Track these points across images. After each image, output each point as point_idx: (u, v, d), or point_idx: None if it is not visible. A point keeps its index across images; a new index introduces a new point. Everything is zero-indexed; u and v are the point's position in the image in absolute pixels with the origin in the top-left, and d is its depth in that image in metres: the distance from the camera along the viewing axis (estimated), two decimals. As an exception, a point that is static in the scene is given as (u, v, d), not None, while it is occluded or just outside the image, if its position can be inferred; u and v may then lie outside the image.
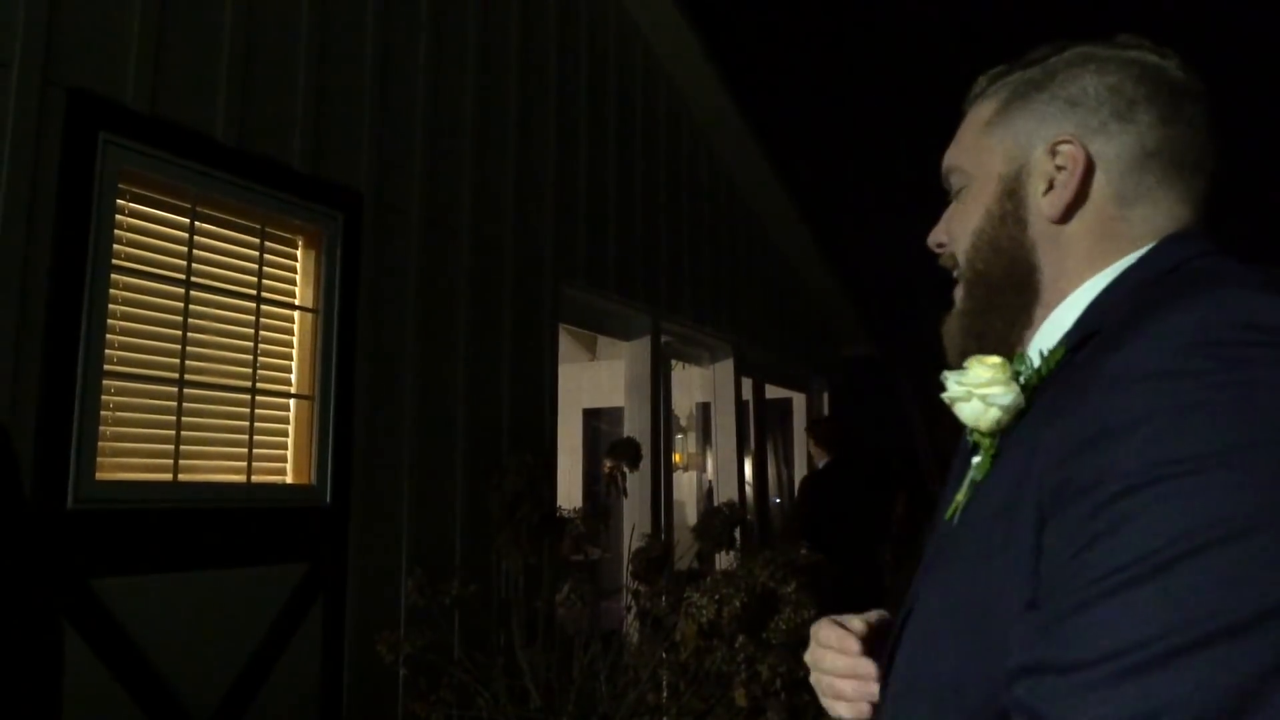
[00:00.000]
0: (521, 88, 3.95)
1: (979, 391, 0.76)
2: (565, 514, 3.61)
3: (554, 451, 3.95)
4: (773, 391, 6.91)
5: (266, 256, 2.82)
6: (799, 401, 7.47)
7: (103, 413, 2.33)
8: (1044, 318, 0.81)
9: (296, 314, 2.92)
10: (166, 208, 2.55)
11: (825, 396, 7.55)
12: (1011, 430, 0.74)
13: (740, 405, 5.98)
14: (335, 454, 2.91)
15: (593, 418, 7.31)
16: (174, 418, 2.51)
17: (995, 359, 0.77)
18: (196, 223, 2.61)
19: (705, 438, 6.69)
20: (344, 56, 3.08)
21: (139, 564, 2.39)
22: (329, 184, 2.97)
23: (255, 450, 2.74)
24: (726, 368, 5.89)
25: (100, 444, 2.31)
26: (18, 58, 2.20)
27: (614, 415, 6.96)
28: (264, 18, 2.80)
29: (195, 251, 2.61)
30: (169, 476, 2.48)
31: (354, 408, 2.99)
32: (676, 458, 6.89)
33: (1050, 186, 0.80)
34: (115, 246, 2.39)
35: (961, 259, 0.85)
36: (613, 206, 4.53)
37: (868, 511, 5.34)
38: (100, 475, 2.31)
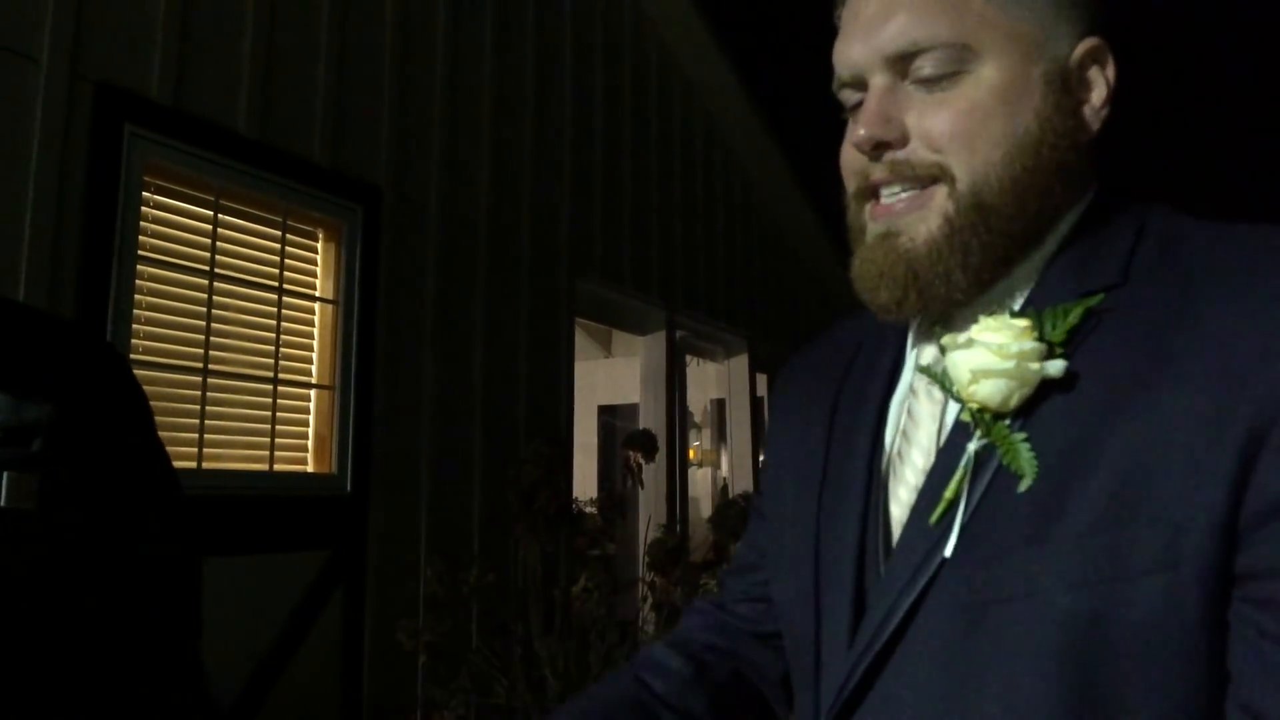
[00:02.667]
0: (537, 84, 3.98)
1: (1025, 364, 0.61)
2: (581, 507, 3.63)
3: (570, 444, 3.98)
4: (787, 388, 6.90)
5: (288, 249, 2.86)
6: (814, 398, 7.46)
7: (129, 401, 2.37)
8: (1020, 256, 0.67)
9: (317, 305, 2.96)
10: (190, 200, 2.59)
11: (840, 393, 7.54)
12: (1038, 404, 0.61)
13: (755, 402, 6.00)
14: (356, 443, 2.94)
15: (608, 414, 7.34)
16: (198, 407, 2.56)
17: (1022, 320, 0.63)
18: (219, 214, 2.66)
19: (720, 434, 6.71)
20: (363, 52, 3.12)
21: (164, 550, 2.43)
22: (349, 177, 3.01)
23: (277, 439, 2.78)
24: (741, 364, 5.91)
25: (127, 431, 2.35)
26: (46, 52, 2.25)
27: (630, 412, 6.99)
28: (285, 13, 2.84)
29: (218, 243, 2.65)
30: (194, 464, 2.53)
31: (374, 398, 3.03)
32: (691, 454, 6.91)
33: (1085, 100, 0.68)
34: (140, 238, 2.44)
35: (965, 162, 0.65)
36: (628, 201, 4.56)
37: None
38: (127, 462, 2.35)
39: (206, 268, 2.61)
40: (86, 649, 1.09)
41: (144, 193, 2.45)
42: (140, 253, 2.43)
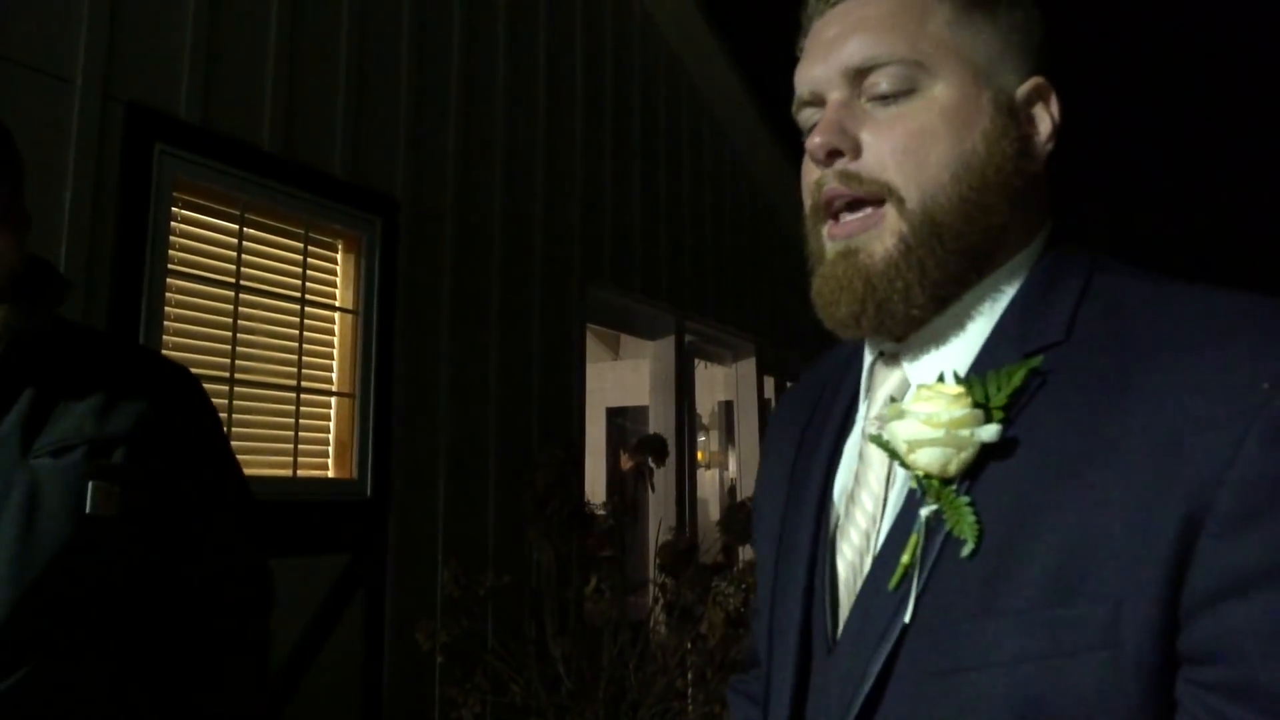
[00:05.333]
0: (550, 97, 4.06)
1: (956, 431, 0.62)
2: (594, 510, 3.71)
3: (582, 448, 4.06)
4: (794, 390, 6.96)
5: (309, 260, 2.94)
6: (820, 400, 7.51)
7: (159, 410, 2.45)
8: (975, 277, 0.69)
9: (337, 315, 3.04)
10: (217, 214, 2.68)
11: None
12: (983, 467, 0.62)
13: (763, 404, 6.07)
14: (375, 449, 3.02)
15: (617, 416, 7.41)
16: (225, 414, 2.64)
17: (955, 387, 0.64)
18: (244, 228, 2.74)
19: (728, 436, 6.78)
20: (381, 70, 3.20)
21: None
22: (367, 190, 3.09)
23: (300, 446, 2.86)
24: (749, 367, 5.98)
25: (157, 439, 2.43)
26: (80, 74, 2.33)
27: (638, 414, 7.07)
28: (307, 34, 2.93)
29: (243, 256, 2.73)
30: (221, 470, 2.61)
31: (392, 404, 3.11)
32: (699, 456, 6.98)
33: (1032, 133, 0.70)
34: (170, 252, 2.52)
35: (914, 181, 0.67)
36: (637, 208, 4.64)
37: None
38: (157, 469, 2.43)
39: (232, 280, 2.70)
40: (159, 649, 1.17)
41: (173, 208, 2.54)
42: (169, 266, 2.51)
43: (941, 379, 0.67)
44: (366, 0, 3.16)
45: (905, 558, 0.63)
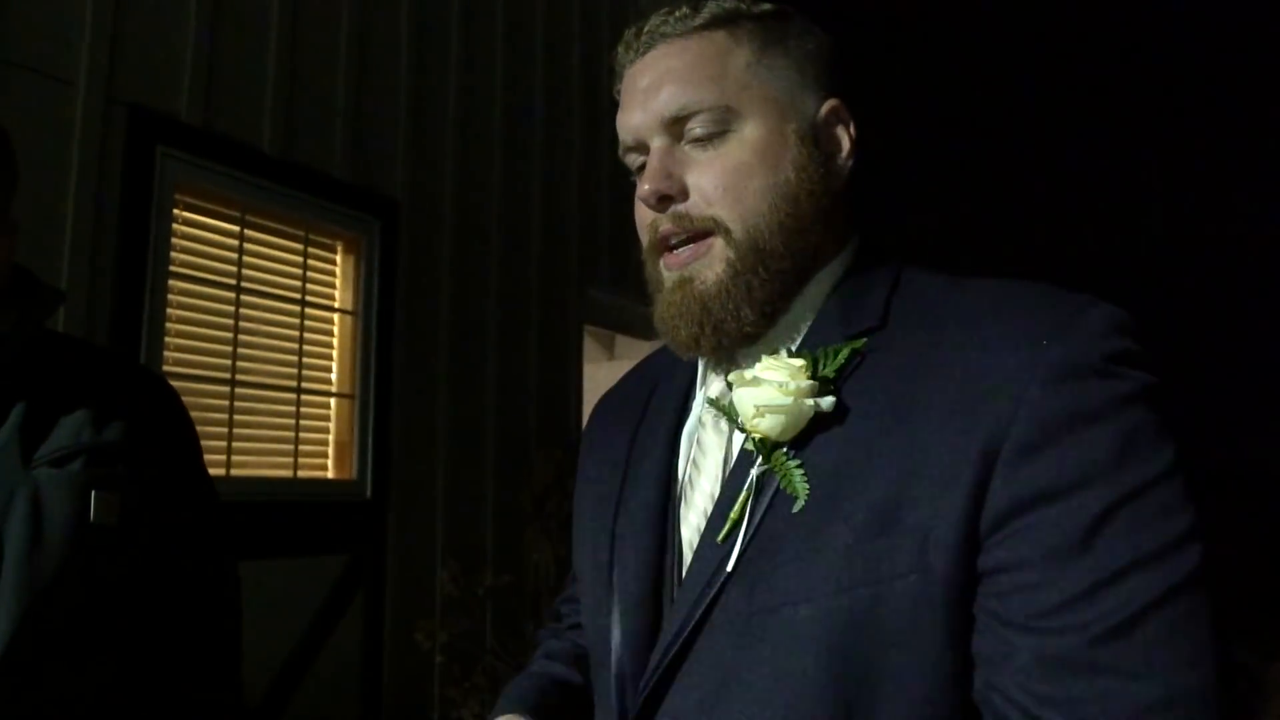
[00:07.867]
0: (547, 99, 4.07)
1: (801, 400, 0.69)
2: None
3: (579, 448, 4.08)
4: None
5: (309, 262, 2.95)
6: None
7: (161, 411, 2.46)
8: (796, 291, 0.77)
9: (337, 316, 3.05)
10: (218, 216, 2.69)
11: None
12: (813, 433, 0.70)
13: (758, 404, 6.08)
14: (375, 450, 3.04)
15: (612, 417, 7.42)
16: (226, 416, 2.65)
17: (799, 360, 0.72)
18: (245, 230, 2.75)
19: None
20: (380, 72, 3.21)
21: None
22: (367, 191, 3.10)
23: (300, 446, 2.88)
24: (745, 367, 5.99)
25: (159, 440, 2.44)
26: (83, 77, 2.34)
27: (633, 414, 7.05)
28: (307, 37, 2.94)
29: (244, 258, 2.74)
30: (223, 472, 2.62)
31: (391, 405, 3.12)
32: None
33: (834, 153, 0.78)
34: (171, 254, 2.53)
35: (737, 214, 0.74)
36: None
37: None
38: (159, 470, 2.44)
39: (233, 282, 2.71)
40: (145, 654, 1.18)
41: (174, 210, 2.55)
42: (171, 268, 2.53)
43: (777, 354, 0.75)
44: (366, 3, 3.17)
45: (734, 513, 0.70)
